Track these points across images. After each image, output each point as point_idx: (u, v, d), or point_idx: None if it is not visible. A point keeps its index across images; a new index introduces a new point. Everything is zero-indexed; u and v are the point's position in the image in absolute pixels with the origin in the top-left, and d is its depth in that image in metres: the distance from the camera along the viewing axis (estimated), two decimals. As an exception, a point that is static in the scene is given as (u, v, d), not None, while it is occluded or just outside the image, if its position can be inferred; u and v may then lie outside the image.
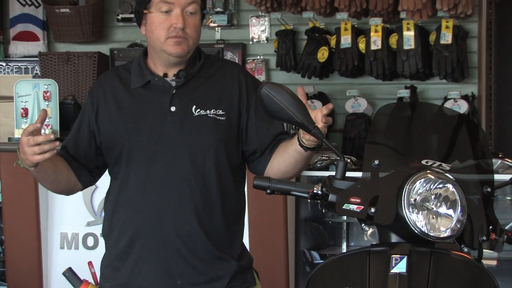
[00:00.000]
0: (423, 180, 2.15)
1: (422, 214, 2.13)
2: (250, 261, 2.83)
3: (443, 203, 2.14)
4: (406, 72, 5.96)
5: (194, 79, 2.74)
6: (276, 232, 4.74)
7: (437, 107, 2.88)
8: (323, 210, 2.30)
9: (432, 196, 2.14)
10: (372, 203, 2.16)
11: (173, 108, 2.69)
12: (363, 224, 2.25)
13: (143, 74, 2.75)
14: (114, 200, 2.76)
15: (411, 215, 2.13)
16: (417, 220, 2.13)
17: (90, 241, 4.92)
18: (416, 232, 2.13)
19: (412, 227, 2.13)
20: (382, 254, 2.16)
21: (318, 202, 2.29)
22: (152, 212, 2.68)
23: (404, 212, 2.13)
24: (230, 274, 2.72)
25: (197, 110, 2.70)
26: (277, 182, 2.33)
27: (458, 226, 2.13)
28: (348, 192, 2.22)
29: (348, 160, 4.92)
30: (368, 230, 4.01)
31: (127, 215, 2.72)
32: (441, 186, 2.15)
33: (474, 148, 2.38)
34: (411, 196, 2.14)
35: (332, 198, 2.23)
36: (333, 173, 2.30)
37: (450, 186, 2.15)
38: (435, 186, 2.15)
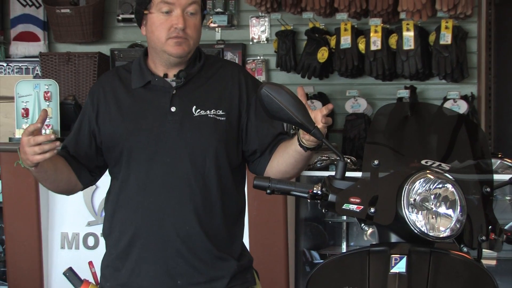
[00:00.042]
0: (422, 180, 2.15)
1: (421, 214, 2.13)
2: (250, 261, 2.82)
3: (443, 203, 2.14)
4: (406, 73, 5.96)
5: (194, 79, 2.74)
6: (276, 232, 4.73)
7: (436, 107, 2.87)
8: (323, 210, 2.30)
9: (432, 196, 2.14)
10: (371, 203, 2.16)
11: (173, 109, 2.69)
12: (362, 224, 2.25)
13: (143, 75, 2.75)
14: (114, 200, 2.76)
15: (410, 215, 2.13)
16: (416, 220, 2.13)
17: (90, 241, 4.92)
18: (416, 232, 2.13)
19: (411, 227, 2.13)
20: (381, 254, 2.16)
21: (318, 202, 2.29)
22: (152, 212, 2.68)
23: (404, 212, 2.13)
24: (230, 274, 2.72)
25: (197, 111, 2.70)
26: (277, 182, 2.33)
27: (458, 226, 2.13)
28: (347, 192, 2.22)
29: (348, 160, 4.92)
30: (367, 230, 4.02)
31: (127, 215, 2.72)
32: (440, 186, 2.15)
33: (474, 148, 2.38)
34: (411, 196, 2.14)
35: (332, 198, 2.23)
36: (333, 173, 2.30)
37: (449, 186, 2.15)
38: (435, 186, 2.15)
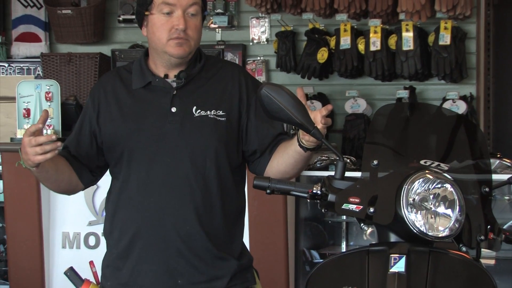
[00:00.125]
0: (421, 180, 2.15)
1: (420, 214, 2.14)
2: (250, 260, 2.83)
3: (442, 202, 2.14)
4: (405, 73, 5.96)
5: (194, 80, 2.75)
6: (276, 232, 4.74)
7: (435, 108, 2.88)
8: (323, 210, 2.30)
9: (431, 196, 2.15)
10: (371, 203, 2.17)
11: (173, 109, 2.70)
12: (362, 224, 2.26)
13: (144, 75, 2.76)
14: (115, 200, 2.76)
15: (409, 214, 2.13)
16: (415, 219, 2.13)
17: (91, 240, 4.93)
18: (415, 231, 2.13)
19: (410, 226, 2.13)
20: (381, 253, 2.16)
21: (318, 202, 2.29)
22: (152, 212, 2.68)
23: (403, 212, 2.13)
24: (230, 274, 2.72)
25: (197, 111, 2.70)
26: (277, 182, 2.34)
27: (457, 225, 2.14)
28: (347, 192, 2.22)
29: (347, 160, 4.93)
30: (367, 229, 4.02)
31: (128, 215, 2.72)
32: (439, 186, 2.15)
33: (473, 148, 2.38)
34: (410, 196, 2.14)
35: (331, 198, 2.24)
36: (332, 173, 2.30)
37: (448, 186, 2.15)
38: (434, 186, 2.15)
